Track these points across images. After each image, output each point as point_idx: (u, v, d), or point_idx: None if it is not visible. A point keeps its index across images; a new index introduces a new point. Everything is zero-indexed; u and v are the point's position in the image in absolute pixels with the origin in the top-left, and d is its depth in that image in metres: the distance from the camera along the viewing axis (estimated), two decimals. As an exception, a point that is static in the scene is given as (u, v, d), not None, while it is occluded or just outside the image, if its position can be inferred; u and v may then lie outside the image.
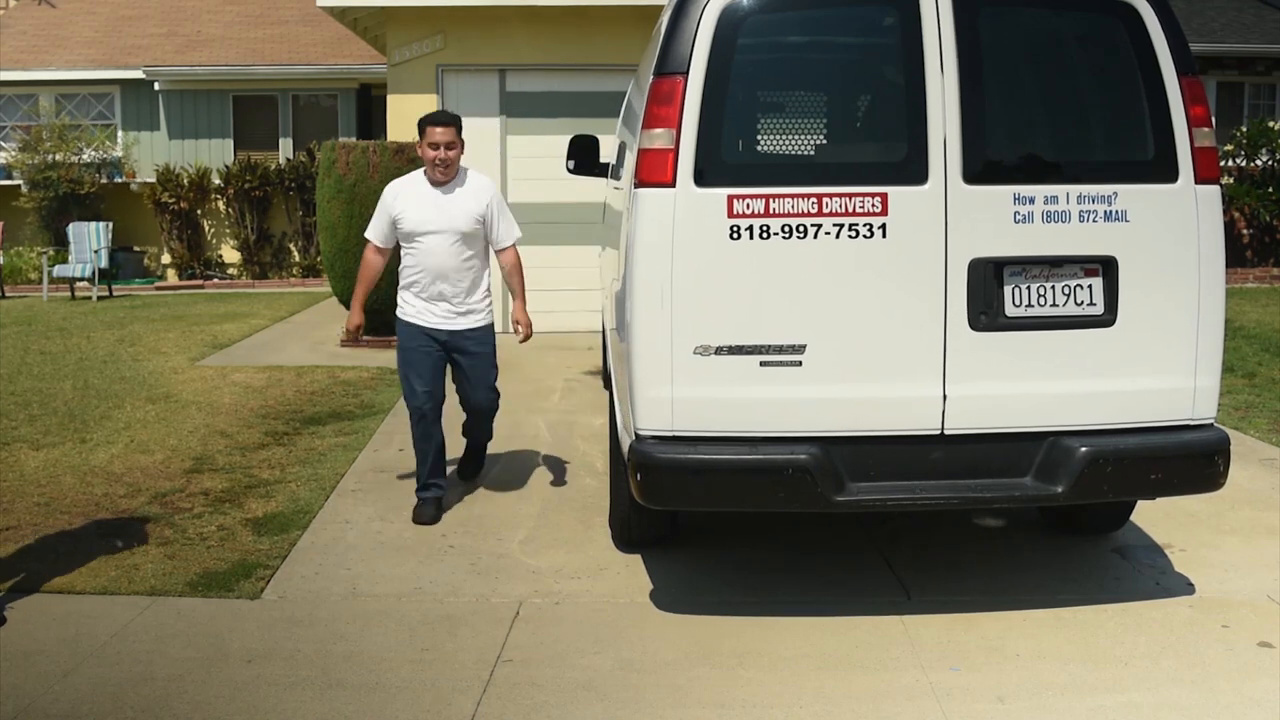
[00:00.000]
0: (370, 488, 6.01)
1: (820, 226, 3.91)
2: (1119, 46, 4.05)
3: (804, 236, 3.91)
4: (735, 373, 3.96)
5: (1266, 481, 6.12)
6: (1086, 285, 4.00)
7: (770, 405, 3.97)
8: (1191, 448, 4.10)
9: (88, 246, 14.80)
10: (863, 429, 3.97)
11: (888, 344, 3.97)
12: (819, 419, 3.97)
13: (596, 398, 8.09)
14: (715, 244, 3.92)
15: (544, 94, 11.22)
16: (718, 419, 3.99)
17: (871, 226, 3.91)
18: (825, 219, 3.91)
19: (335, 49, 17.74)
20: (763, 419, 3.98)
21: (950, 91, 3.90)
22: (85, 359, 9.68)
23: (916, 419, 3.97)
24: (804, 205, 3.91)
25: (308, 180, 16.02)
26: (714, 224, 3.91)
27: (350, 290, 10.49)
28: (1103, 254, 3.99)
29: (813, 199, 3.91)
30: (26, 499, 5.70)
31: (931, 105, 3.90)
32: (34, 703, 3.61)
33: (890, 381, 3.97)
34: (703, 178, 3.91)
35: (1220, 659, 3.96)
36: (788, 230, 3.91)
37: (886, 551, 4.99)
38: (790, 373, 3.95)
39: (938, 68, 3.91)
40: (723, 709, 3.61)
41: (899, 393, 3.97)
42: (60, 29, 19.26)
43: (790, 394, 3.97)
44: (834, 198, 3.91)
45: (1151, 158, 4.02)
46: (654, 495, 4.03)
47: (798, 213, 3.91)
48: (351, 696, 3.68)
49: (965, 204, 3.93)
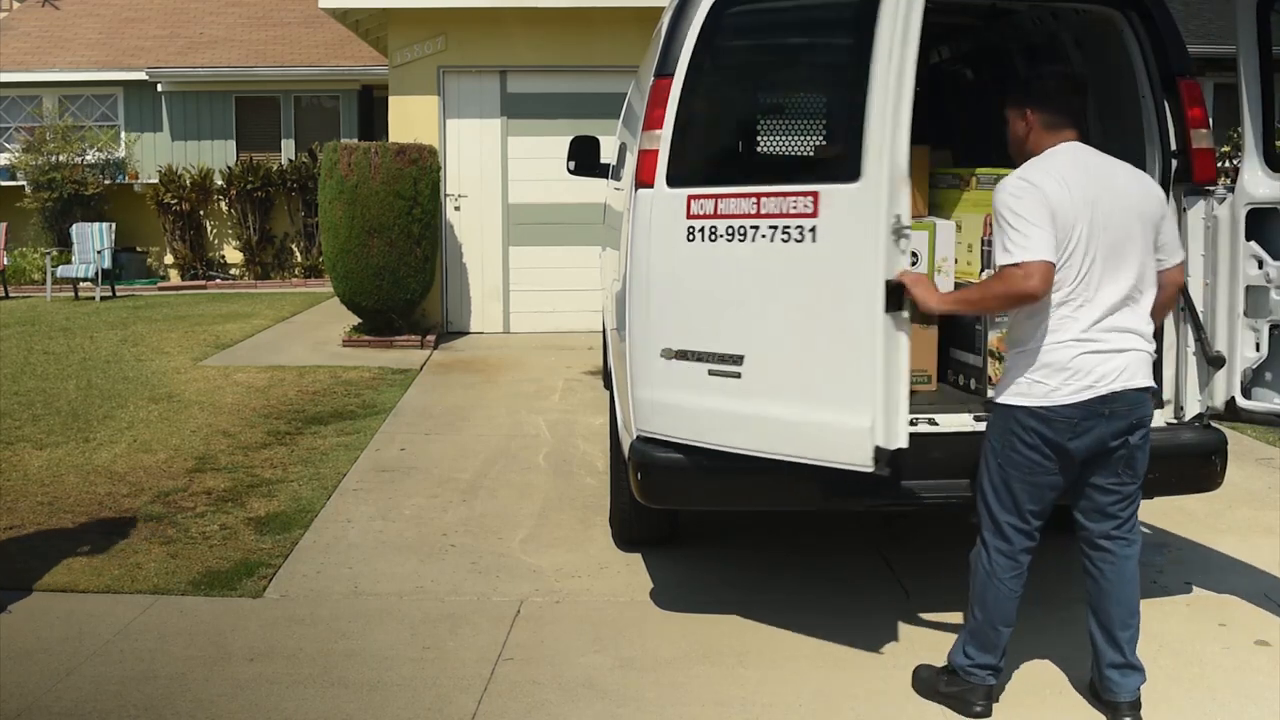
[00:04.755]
0: (372, 487, 6.03)
1: (758, 229, 3.69)
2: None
3: (744, 239, 3.72)
4: (688, 379, 3.84)
5: (1263, 481, 6.14)
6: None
7: (715, 417, 3.80)
8: (1189, 448, 4.12)
9: (91, 247, 14.82)
10: (797, 455, 3.64)
11: (819, 361, 3.60)
12: (755, 439, 3.74)
13: (596, 398, 8.11)
14: (677, 245, 3.85)
15: (545, 95, 11.24)
16: (675, 425, 3.91)
17: (804, 229, 3.60)
18: (762, 220, 3.69)
19: (337, 50, 17.76)
20: (709, 431, 3.82)
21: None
22: (88, 359, 9.70)
23: (852, 451, 3.51)
24: (744, 206, 3.72)
25: (310, 181, 16.03)
26: (678, 225, 3.84)
27: (351, 291, 10.53)
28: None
29: (751, 199, 3.70)
30: (30, 498, 5.72)
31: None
32: (37, 701, 3.63)
33: (822, 406, 3.58)
34: (670, 178, 3.88)
35: (1218, 657, 3.98)
36: (730, 232, 3.76)
37: (886, 551, 5.01)
38: (731, 385, 3.75)
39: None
40: (722, 707, 3.63)
41: (828, 418, 3.57)
42: (63, 30, 19.28)
43: (730, 408, 3.77)
44: (769, 198, 3.68)
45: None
46: (654, 494, 4.04)
47: (738, 214, 3.73)
48: (353, 695, 3.70)
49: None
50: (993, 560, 3.50)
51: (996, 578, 3.49)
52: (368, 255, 9.95)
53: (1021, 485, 3.43)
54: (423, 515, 5.57)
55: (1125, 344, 3.37)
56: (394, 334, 10.43)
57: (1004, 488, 3.46)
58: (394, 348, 10.27)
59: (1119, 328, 3.37)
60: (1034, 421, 3.36)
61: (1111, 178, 3.45)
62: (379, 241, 9.94)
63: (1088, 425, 3.34)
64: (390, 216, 9.96)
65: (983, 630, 3.52)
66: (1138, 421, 3.41)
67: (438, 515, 5.57)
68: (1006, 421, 3.43)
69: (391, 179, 9.97)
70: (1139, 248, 3.42)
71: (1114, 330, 3.36)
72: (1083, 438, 3.35)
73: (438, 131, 11.19)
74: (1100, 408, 3.33)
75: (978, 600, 3.54)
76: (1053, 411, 3.33)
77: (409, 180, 10.04)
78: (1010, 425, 3.41)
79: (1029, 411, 3.36)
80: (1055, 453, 3.37)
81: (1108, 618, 3.51)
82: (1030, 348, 3.38)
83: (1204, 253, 4.10)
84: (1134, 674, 3.52)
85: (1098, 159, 3.48)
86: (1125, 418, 3.37)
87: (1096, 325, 3.34)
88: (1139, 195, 3.47)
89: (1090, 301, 3.34)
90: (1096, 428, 3.34)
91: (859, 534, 5.22)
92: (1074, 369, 3.32)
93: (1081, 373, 3.32)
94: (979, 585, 3.53)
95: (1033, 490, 3.43)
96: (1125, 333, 3.38)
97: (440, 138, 11.20)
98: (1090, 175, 3.40)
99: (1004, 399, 3.46)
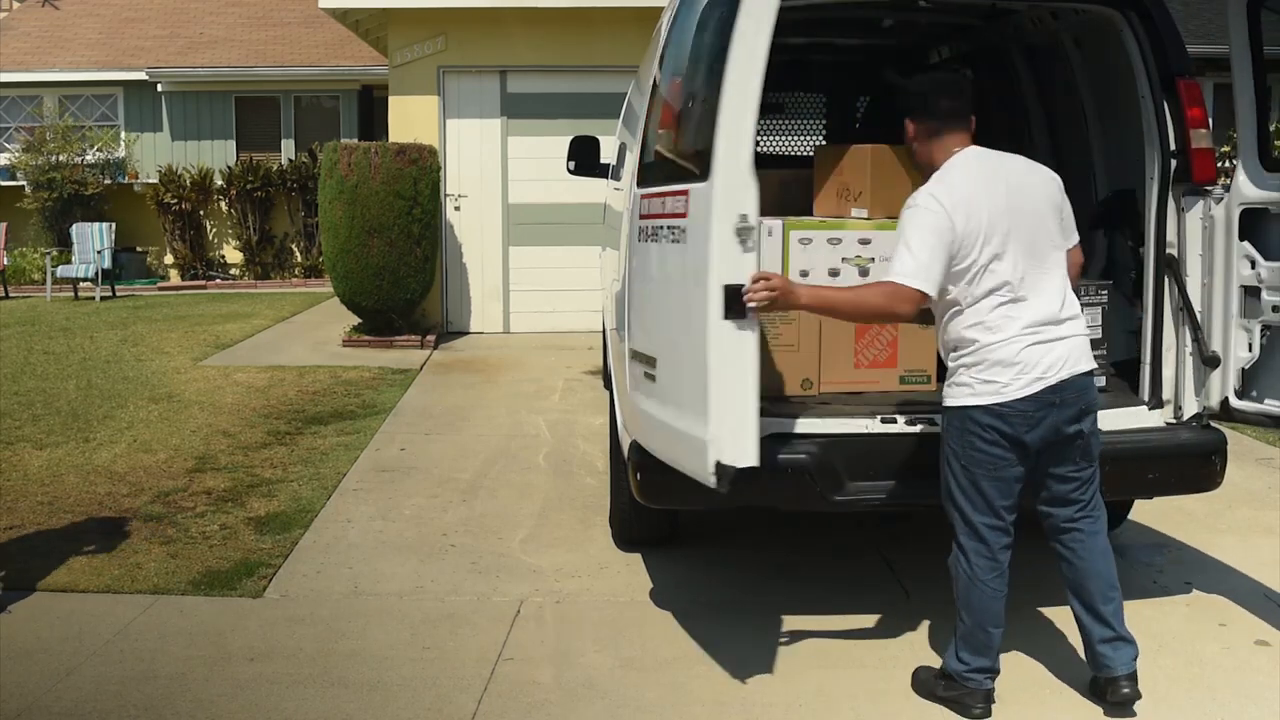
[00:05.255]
0: (372, 487, 6.04)
1: (661, 228, 3.64)
2: None
3: (655, 239, 3.71)
4: (636, 380, 3.87)
5: (1263, 481, 6.14)
6: None
7: (648, 421, 3.78)
8: (1189, 448, 4.12)
9: (91, 247, 14.82)
10: (673, 462, 3.55)
11: (687, 368, 3.45)
12: (656, 442, 3.69)
13: (596, 398, 8.11)
14: (634, 245, 3.92)
15: (545, 95, 11.24)
16: (636, 428, 3.96)
17: (679, 229, 3.49)
18: (664, 220, 3.62)
19: (337, 50, 17.76)
20: (647, 436, 3.82)
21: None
22: (88, 359, 9.70)
23: (696, 464, 3.38)
24: (654, 206, 3.71)
25: (310, 181, 16.03)
26: (635, 225, 3.92)
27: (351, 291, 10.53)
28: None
29: (659, 199, 3.67)
30: (30, 498, 5.73)
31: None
32: (37, 701, 3.64)
33: (684, 414, 3.45)
34: (638, 178, 3.94)
35: (1218, 657, 3.98)
36: (649, 233, 3.77)
37: (886, 552, 5.01)
38: (651, 387, 3.74)
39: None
40: (722, 707, 3.63)
41: (685, 427, 3.44)
42: (63, 30, 19.28)
43: (649, 409, 3.75)
44: (663, 197, 3.64)
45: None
46: (653, 494, 4.04)
47: (653, 214, 3.74)
48: (353, 695, 3.70)
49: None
50: (972, 564, 3.52)
51: (979, 580, 3.51)
52: (368, 255, 9.95)
53: (989, 482, 3.47)
54: (423, 515, 5.58)
55: (1064, 331, 3.45)
56: (394, 334, 10.44)
57: (973, 488, 3.49)
58: (394, 348, 10.27)
59: (1056, 317, 3.45)
60: (989, 418, 3.41)
61: (1012, 175, 3.52)
62: (379, 241, 9.95)
63: (1040, 416, 3.41)
64: (390, 216, 9.96)
65: (973, 634, 3.54)
66: (1086, 407, 3.50)
67: (438, 515, 5.58)
68: (962, 422, 3.46)
69: (391, 179, 9.97)
70: (1054, 234, 3.52)
71: (1052, 319, 3.44)
72: (1036, 429, 3.42)
73: (438, 131, 11.19)
74: (1051, 397, 3.40)
75: (963, 605, 3.55)
76: (1007, 406, 3.39)
77: (409, 180, 10.04)
78: (966, 425, 3.45)
79: (984, 409, 3.41)
80: (1013, 446, 3.43)
81: (1088, 594, 3.57)
82: (973, 349, 3.43)
83: (1201, 253, 4.10)
84: (1126, 646, 3.55)
85: (994, 160, 3.54)
86: (1075, 404, 3.45)
87: (1036, 317, 3.41)
88: (1040, 184, 3.56)
89: (1026, 296, 3.41)
90: (1049, 417, 3.42)
91: (859, 534, 5.22)
92: (1022, 362, 3.38)
93: (1029, 365, 3.38)
94: (962, 590, 3.55)
95: (1001, 485, 3.47)
96: (1063, 321, 3.46)
97: (440, 138, 11.20)
98: (993, 178, 3.46)
99: (956, 401, 3.48)
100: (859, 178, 4.46)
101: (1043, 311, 3.42)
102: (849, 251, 4.28)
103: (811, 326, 4.28)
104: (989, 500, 3.48)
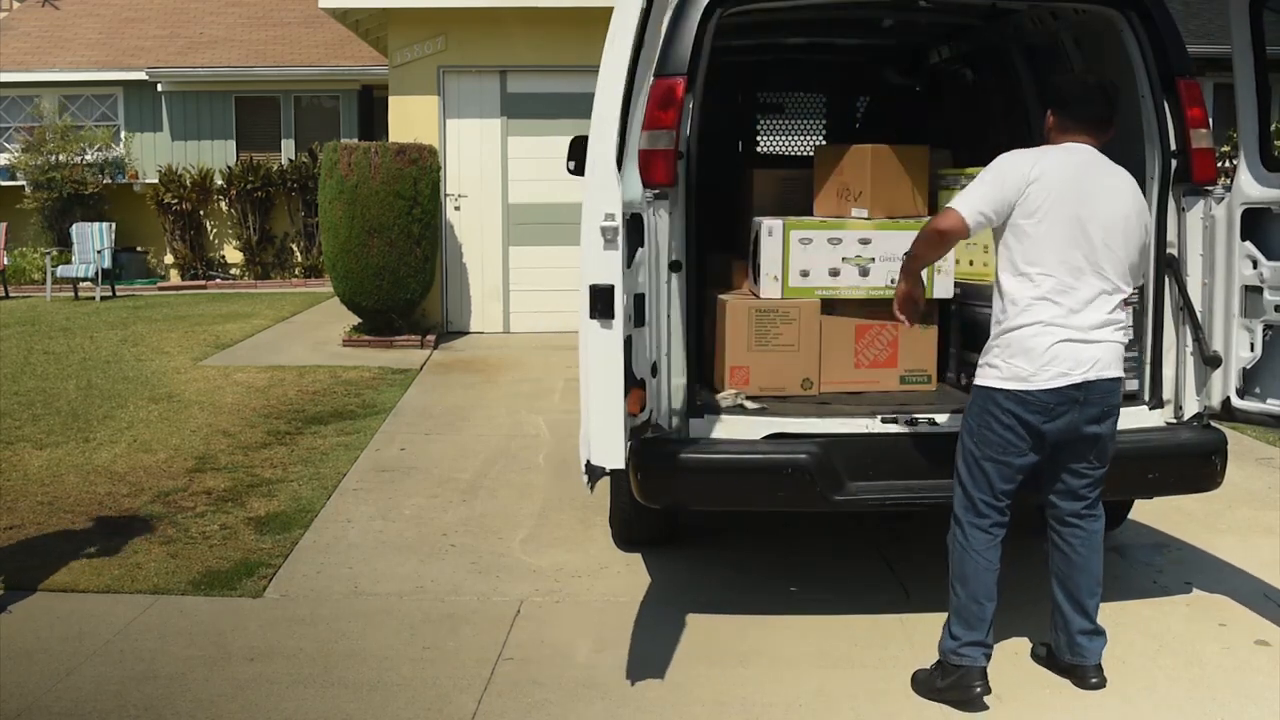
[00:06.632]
0: (372, 487, 6.04)
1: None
2: None
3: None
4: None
5: (1263, 481, 6.14)
6: None
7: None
8: (1189, 447, 4.13)
9: (91, 247, 14.82)
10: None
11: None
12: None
13: (597, 398, 8.09)
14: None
15: (545, 95, 11.24)
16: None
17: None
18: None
19: (337, 50, 17.76)
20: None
21: None
22: (88, 359, 9.70)
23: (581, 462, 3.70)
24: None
25: (310, 181, 16.03)
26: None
27: (351, 290, 10.56)
28: None
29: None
30: (30, 498, 5.72)
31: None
32: (37, 700, 3.64)
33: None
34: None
35: (1218, 657, 3.98)
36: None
37: (886, 552, 5.01)
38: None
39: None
40: (722, 707, 3.63)
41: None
42: (63, 30, 19.28)
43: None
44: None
45: None
46: (653, 494, 4.05)
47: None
48: (353, 695, 3.70)
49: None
50: (968, 535, 3.61)
51: (973, 550, 3.60)
52: (368, 255, 9.95)
53: (993, 465, 3.56)
54: (423, 515, 5.58)
55: (1101, 335, 3.50)
56: (394, 334, 10.44)
57: (977, 466, 3.59)
58: (394, 348, 10.27)
59: (1096, 319, 3.49)
60: (1011, 404, 3.49)
61: (1104, 176, 3.57)
62: (379, 241, 9.95)
63: (1062, 410, 3.48)
64: (390, 216, 9.96)
65: (965, 607, 3.60)
66: (1109, 409, 3.57)
67: (438, 515, 5.58)
68: (984, 402, 3.56)
69: (391, 179, 9.97)
70: (1123, 244, 3.54)
71: (1091, 320, 3.48)
72: (1056, 421, 3.50)
73: (438, 131, 11.19)
74: (1075, 394, 3.48)
75: (957, 577, 3.63)
76: (1030, 395, 3.47)
77: (409, 180, 10.04)
78: (988, 405, 3.54)
79: (1007, 394, 3.50)
80: (1030, 434, 3.51)
81: (1075, 587, 3.70)
82: (1007, 332, 3.50)
83: (1202, 253, 4.11)
84: (1099, 638, 3.74)
85: (1093, 157, 3.59)
86: (1097, 405, 3.53)
87: (1075, 313, 3.46)
88: (1129, 195, 3.59)
89: (1071, 289, 3.46)
90: (1070, 413, 3.49)
91: (859, 534, 5.22)
92: (1051, 356, 3.45)
93: (1058, 360, 3.45)
94: (957, 561, 3.63)
95: (1004, 469, 3.56)
96: (1102, 325, 3.50)
97: (440, 138, 11.20)
98: (1082, 175, 3.52)
99: (983, 381, 3.58)
100: (859, 178, 4.47)
101: (1085, 309, 3.47)
102: (849, 251, 4.29)
103: (812, 326, 4.29)
104: (990, 480, 3.57)
